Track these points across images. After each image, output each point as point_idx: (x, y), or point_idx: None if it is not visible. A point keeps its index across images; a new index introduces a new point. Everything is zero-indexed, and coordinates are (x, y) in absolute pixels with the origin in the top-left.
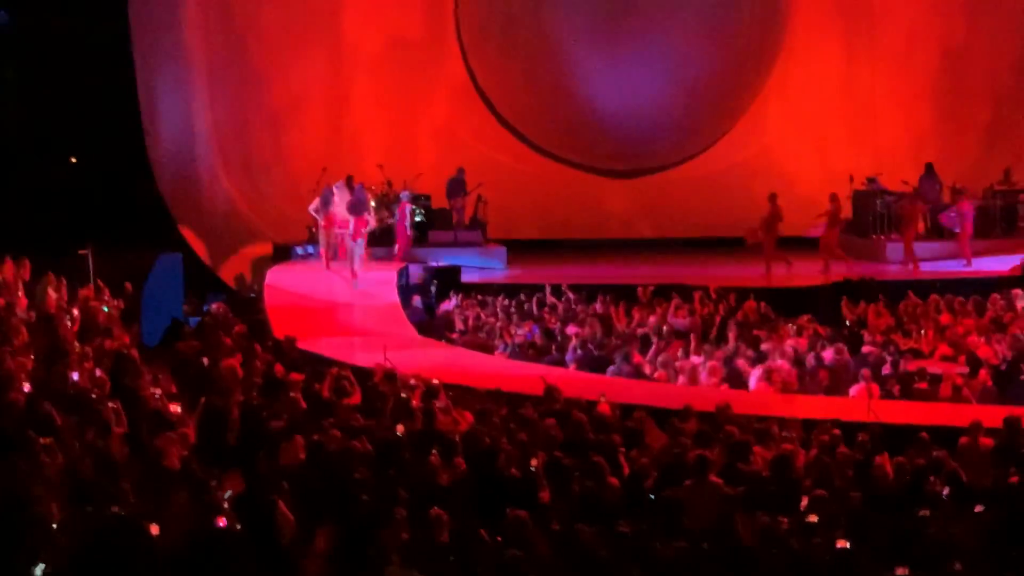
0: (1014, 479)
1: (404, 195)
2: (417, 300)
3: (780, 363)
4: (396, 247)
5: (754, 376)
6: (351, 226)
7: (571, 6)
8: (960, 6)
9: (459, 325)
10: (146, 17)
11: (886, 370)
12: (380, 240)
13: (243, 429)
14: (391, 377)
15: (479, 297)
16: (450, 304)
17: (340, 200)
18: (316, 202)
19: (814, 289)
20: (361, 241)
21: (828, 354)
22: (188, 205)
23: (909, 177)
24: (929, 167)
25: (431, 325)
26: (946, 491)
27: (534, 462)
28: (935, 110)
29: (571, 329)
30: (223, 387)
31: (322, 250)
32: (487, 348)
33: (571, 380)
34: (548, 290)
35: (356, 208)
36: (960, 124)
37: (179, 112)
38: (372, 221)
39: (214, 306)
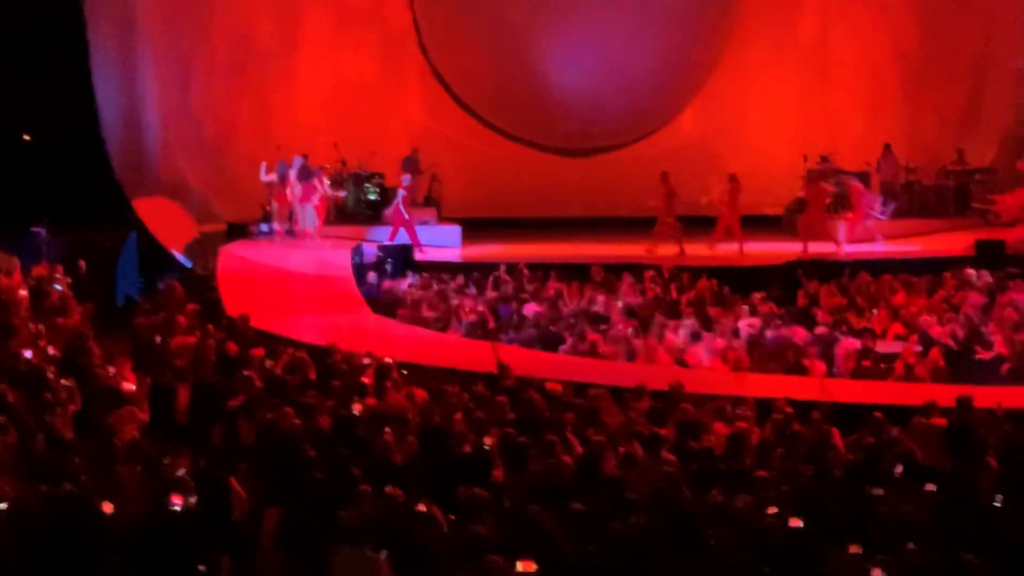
0: (964, 458)
1: (404, 179)
2: (372, 278)
3: (733, 341)
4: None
5: (705, 354)
6: (298, 192)
7: None
8: None
9: (410, 303)
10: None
11: (841, 349)
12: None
13: (196, 408)
14: (346, 355)
15: (434, 275)
16: (403, 283)
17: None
18: (272, 175)
19: (769, 268)
20: (310, 207)
21: (771, 332)
22: (142, 183)
23: (867, 156)
24: (887, 147)
25: (382, 303)
26: (899, 469)
27: (488, 440)
28: (890, 90)
29: (527, 308)
30: (176, 365)
31: (276, 226)
32: (427, 324)
33: (525, 358)
34: (503, 268)
35: (303, 175)
36: (915, 104)
37: (133, 92)
38: (320, 188)
39: (168, 284)
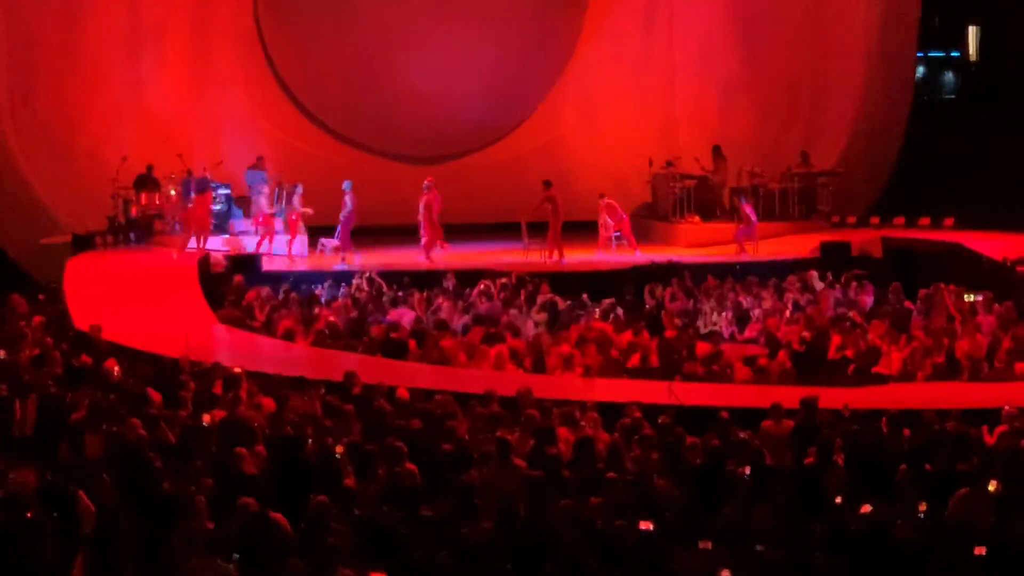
0: (810, 459)
1: (345, 185)
2: (227, 287)
3: (583, 346)
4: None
5: (553, 358)
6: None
7: None
8: None
9: (258, 314)
10: None
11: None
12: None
13: (42, 421)
14: (194, 366)
15: (283, 285)
16: (252, 293)
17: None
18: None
19: (617, 273)
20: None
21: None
22: None
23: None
24: (716, 149)
25: (231, 313)
26: (747, 471)
27: (338, 448)
28: (733, 94)
29: (397, 314)
30: (24, 379)
31: (182, 237)
32: (276, 333)
33: (373, 366)
34: (361, 276)
35: (201, 187)
36: (759, 107)
37: None
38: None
39: (12, 297)
